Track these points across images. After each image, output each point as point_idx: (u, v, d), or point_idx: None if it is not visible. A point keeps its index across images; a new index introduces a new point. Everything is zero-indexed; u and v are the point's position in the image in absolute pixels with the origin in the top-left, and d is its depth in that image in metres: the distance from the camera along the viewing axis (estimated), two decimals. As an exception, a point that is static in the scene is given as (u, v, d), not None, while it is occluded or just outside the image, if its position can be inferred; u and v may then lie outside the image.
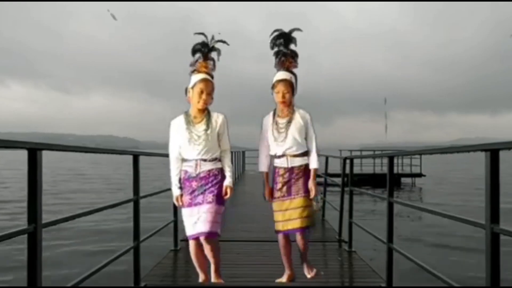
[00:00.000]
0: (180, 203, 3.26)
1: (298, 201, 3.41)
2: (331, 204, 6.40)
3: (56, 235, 8.45)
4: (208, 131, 3.16)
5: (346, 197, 5.27)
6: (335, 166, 12.88)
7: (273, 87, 3.40)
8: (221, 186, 3.22)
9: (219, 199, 3.19)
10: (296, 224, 3.40)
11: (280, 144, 3.41)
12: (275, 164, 3.48)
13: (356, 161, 15.81)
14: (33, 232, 1.93)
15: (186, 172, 3.24)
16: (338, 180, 6.43)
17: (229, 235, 5.20)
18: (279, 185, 3.44)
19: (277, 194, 3.45)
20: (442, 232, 9.62)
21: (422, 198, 17.88)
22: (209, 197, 3.15)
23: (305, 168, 3.44)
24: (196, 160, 3.18)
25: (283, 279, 3.63)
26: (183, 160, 3.25)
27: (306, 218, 3.40)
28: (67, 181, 25.43)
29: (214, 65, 3.30)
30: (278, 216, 3.46)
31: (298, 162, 3.42)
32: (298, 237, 3.49)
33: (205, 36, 3.32)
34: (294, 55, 3.48)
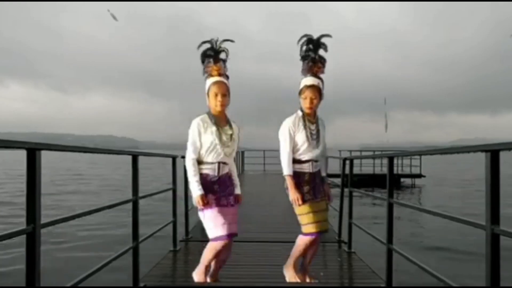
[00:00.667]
0: (204, 203, 3.14)
1: (323, 203, 3.46)
2: (331, 205, 6.38)
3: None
4: (234, 136, 3.27)
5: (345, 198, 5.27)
6: (334, 167, 12.91)
7: (301, 92, 3.38)
8: (234, 188, 3.38)
9: (237, 199, 3.38)
10: (324, 226, 3.40)
11: (314, 150, 3.40)
12: (297, 170, 3.41)
13: (355, 161, 15.85)
14: (32, 233, 1.93)
15: (207, 175, 3.22)
16: (337, 181, 6.44)
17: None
18: (305, 189, 3.39)
19: (306, 196, 3.38)
20: (442, 234, 9.61)
21: (421, 200, 17.87)
22: (231, 199, 3.28)
23: (320, 172, 3.54)
24: (219, 163, 3.22)
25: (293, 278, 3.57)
26: (203, 162, 3.23)
27: (327, 221, 3.48)
28: (64, 182, 25.01)
29: (225, 65, 3.31)
30: (311, 217, 3.35)
31: (318, 167, 3.50)
32: (318, 238, 3.46)
33: (210, 42, 3.31)
34: (322, 61, 3.44)
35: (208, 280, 3.41)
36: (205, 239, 3.39)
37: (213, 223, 3.15)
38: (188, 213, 5.37)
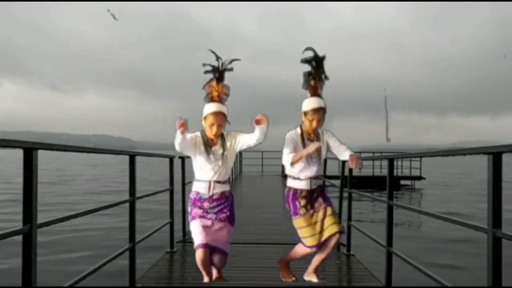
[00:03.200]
0: (181, 124, 2.96)
1: (323, 211, 3.36)
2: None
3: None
4: (225, 153, 3.19)
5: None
6: (333, 168, 12.87)
7: (306, 113, 3.32)
8: (232, 208, 3.26)
9: (231, 221, 3.24)
10: (333, 229, 3.29)
11: (312, 168, 3.35)
12: (294, 186, 3.38)
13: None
14: (28, 233, 1.92)
15: (198, 193, 3.20)
16: (336, 182, 6.39)
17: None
18: (302, 203, 3.35)
19: (301, 211, 3.33)
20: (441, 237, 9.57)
21: (421, 202, 17.83)
22: (222, 216, 3.18)
23: (321, 187, 3.45)
24: (210, 181, 3.17)
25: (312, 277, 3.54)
26: (196, 180, 3.23)
27: (339, 223, 3.36)
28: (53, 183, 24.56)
29: (228, 89, 3.24)
30: (307, 232, 3.32)
31: (318, 183, 3.41)
32: (333, 241, 3.34)
33: (217, 60, 3.22)
34: (324, 79, 3.40)
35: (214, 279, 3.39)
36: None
37: (196, 232, 3.15)
38: (186, 214, 5.32)
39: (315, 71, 3.35)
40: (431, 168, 35.18)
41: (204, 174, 3.18)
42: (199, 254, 3.11)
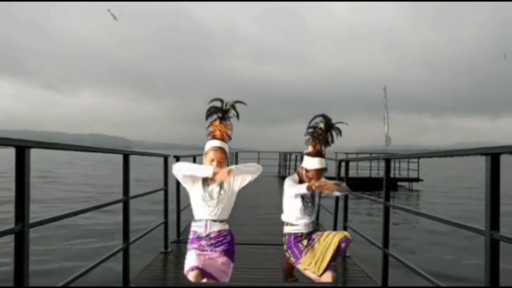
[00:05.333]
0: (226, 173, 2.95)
1: (321, 236, 3.35)
2: (326, 208, 6.33)
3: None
4: (222, 191, 3.07)
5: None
6: (330, 169, 12.78)
7: (307, 171, 3.35)
8: (231, 246, 3.14)
9: (229, 255, 3.10)
10: (337, 238, 3.26)
11: (309, 216, 3.40)
12: (292, 231, 3.42)
13: (352, 165, 15.78)
14: (21, 232, 1.90)
15: (195, 232, 3.08)
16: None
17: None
18: (304, 243, 3.37)
19: (304, 250, 3.35)
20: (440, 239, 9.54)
21: (419, 204, 17.82)
22: (219, 250, 3.05)
23: (316, 230, 3.49)
24: (207, 220, 3.06)
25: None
26: (193, 220, 3.12)
27: (342, 232, 3.37)
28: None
29: (231, 127, 3.14)
30: (314, 260, 3.29)
31: (314, 226, 3.47)
32: (344, 246, 3.30)
33: (221, 101, 3.13)
34: (330, 142, 3.40)
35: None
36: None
37: (187, 260, 2.99)
38: (180, 214, 5.29)
39: (323, 137, 3.35)
40: (429, 169, 35.11)
41: (200, 213, 3.08)
42: (190, 278, 2.92)
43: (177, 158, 5.11)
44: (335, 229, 5.43)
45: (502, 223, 2.00)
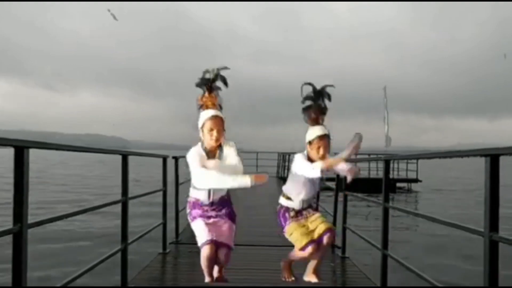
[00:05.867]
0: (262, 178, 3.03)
1: (313, 216, 3.45)
2: (325, 209, 6.32)
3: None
4: (224, 162, 3.13)
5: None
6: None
7: (311, 142, 3.32)
8: (231, 208, 3.30)
9: (232, 218, 3.27)
10: (323, 227, 3.35)
11: (309, 192, 3.45)
12: (285, 204, 3.48)
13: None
14: (19, 232, 1.90)
15: (197, 199, 3.21)
16: (332, 184, 6.36)
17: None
18: (291, 214, 3.45)
19: (289, 220, 3.44)
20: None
21: (417, 206, 17.80)
22: (222, 213, 3.21)
23: (310, 206, 3.54)
24: (210, 189, 3.15)
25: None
26: (193, 187, 3.20)
27: (328, 222, 3.44)
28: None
29: (220, 101, 3.22)
30: (299, 232, 3.36)
31: (309, 202, 3.52)
32: (326, 239, 3.36)
33: (207, 72, 3.20)
34: (325, 111, 3.40)
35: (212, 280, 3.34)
36: (194, 242, 3.32)
37: (200, 230, 3.14)
38: (179, 215, 5.28)
39: (315, 104, 3.36)
40: (428, 170, 35.01)
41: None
42: (205, 251, 3.07)
43: (176, 159, 5.11)
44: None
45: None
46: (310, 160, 3.31)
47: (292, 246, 3.49)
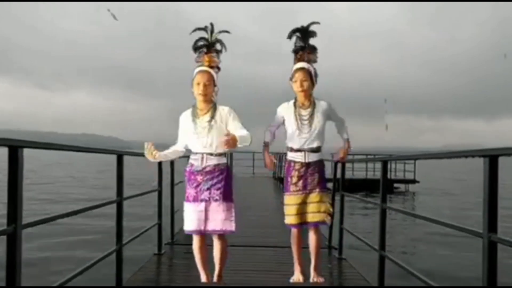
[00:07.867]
0: (150, 152, 3.20)
1: (314, 195, 3.35)
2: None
3: None
4: (212, 122, 3.11)
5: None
6: (327, 169, 12.70)
7: (292, 77, 3.34)
8: (227, 183, 3.17)
9: (227, 196, 3.14)
10: (314, 217, 3.32)
11: (304, 136, 3.34)
12: (289, 158, 3.42)
13: (348, 165, 15.60)
14: (13, 233, 1.88)
15: (192, 165, 3.19)
16: (329, 185, 6.32)
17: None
18: (294, 179, 3.35)
19: (292, 188, 3.35)
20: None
21: (415, 207, 17.77)
22: (216, 194, 3.09)
23: (320, 163, 3.42)
24: (202, 153, 3.12)
25: (296, 278, 3.50)
26: (192, 152, 3.22)
27: (323, 213, 3.35)
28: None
29: (218, 57, 3.24)
30: (291, 210, 3.34)
31: (315, 157, 3.39)
32: (313, 233, 3.39)
33: (205, 30, 3.22)
34: (311, 48, 3.39)
35: (215, 279, 3.34)
36: (190, 243, 3.32)
37: (188, 217, 3.13)
38: (174, 215, 5.24)
39: (301, 41, 3.38)
40: (427, 171, 34.92)
41: (195, 146, 3.15)
42: (194, 241, 3.17)
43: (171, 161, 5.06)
44: (330, 231, 5.40)
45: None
46: (294, 106, 3.37)
47: (290, 247, 3.48)
